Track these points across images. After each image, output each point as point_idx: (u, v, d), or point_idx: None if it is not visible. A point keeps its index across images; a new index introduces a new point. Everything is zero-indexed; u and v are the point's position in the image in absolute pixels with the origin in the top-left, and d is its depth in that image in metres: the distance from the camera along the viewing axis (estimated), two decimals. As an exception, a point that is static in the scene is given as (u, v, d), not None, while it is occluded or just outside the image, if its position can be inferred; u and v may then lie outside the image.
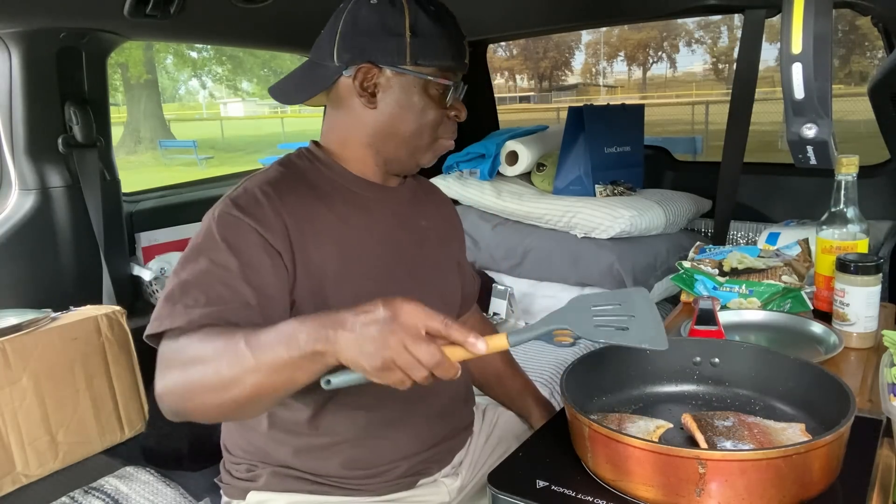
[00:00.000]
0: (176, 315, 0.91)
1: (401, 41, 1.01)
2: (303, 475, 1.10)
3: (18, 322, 1.34)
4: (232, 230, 0.97)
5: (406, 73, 1.03)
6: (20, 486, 1.30)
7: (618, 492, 0.79)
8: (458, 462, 1.22)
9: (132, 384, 1.49)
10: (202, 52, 18.20)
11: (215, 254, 0.95)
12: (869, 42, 18.43)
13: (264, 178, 1.04)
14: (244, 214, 0.97)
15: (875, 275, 1.25)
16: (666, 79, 34.01)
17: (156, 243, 2.06)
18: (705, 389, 1.02)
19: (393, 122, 1.06)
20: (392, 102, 1.05)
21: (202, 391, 0.86)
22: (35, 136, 1.73)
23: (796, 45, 0.97)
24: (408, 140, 1.07)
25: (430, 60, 1.03)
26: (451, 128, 1.11)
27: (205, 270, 0.94)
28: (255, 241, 0.96)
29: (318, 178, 1.08)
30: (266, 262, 0.96)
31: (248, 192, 1.01)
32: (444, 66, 1.05)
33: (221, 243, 0.95)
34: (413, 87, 1.04)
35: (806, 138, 1.04)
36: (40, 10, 1.54)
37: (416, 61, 1.02)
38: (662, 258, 2.14)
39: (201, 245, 0.97)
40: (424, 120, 1.06)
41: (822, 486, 0.77)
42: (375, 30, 1.02)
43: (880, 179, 2.15)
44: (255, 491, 1.12)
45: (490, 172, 2.43)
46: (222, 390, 0.84)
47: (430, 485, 1.17)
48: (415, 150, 1.09)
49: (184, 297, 0.92)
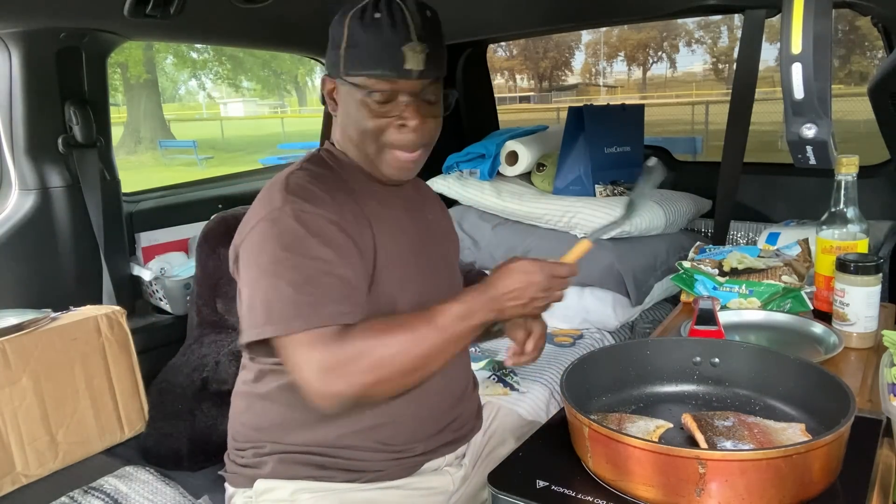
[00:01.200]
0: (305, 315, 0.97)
1: (338, 53, 1.07)
2: (311, 459, 1.11)
3: (18, 322, 1.34)
4: (315, 225, 1.02)
5: (344, 84, 1.08)
6: (20, 486, 1.30)
7: (618, 492, 0.80)
8: (461, 453, 1.24)
9: (132, 384, 1.49)
10: (202, 52, 18.20)
11: (310, 250, 1.00)
12: (869, 42, 18.43)
13: (305, 175, 1.09)
14: (320, 208, 1.03)
15: (875, 275, 1.25)
16: (666, 79, 34.01)
17: (156, 243, 2.06)
18: (705, 389, 1.02)
19: (346, 128, 1.13)
20: (342, 110, 1.12)
21: (398, 377, 0.99)
22: (35, 136, 1.73)
23: (796, 45, 0.97)
24: (359, 146, 1.12)
25: (358, 70, 1.06)
26: (401, 138, 1.09)
27: (309, 266, 0.99)
28: (336, 232, 1.03)
29: (345, 175, 1.13)
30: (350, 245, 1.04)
31: (306, 188, 1.06)
32: (374, 75, 1.05)
33: (313, 239, 1.01)
34: (349, 96, 1.09)
35: (806, 138, 1.03)
36: (40, 10, 1.54)
37: (348, 72, 1.07)
38: (662, 258, 2.14)
39: (291, 244, 1.00)
40: (363, 126, 1.09)
41: (822, 486, 0.77)
42: (330, 43, 1.09)
43: (880, 179, 2.15)
44: (262, 479, 1.13)
45: (490, 172, 2.43)
46: (418, 371, 1.01)
47: (435, 473, 1.19)
48: (368, 158, 1.12)
49: (300, 295, 0.97)
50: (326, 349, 0.96)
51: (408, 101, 1.08)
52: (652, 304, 2.17)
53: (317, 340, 0.96)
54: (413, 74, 1.07)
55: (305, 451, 1.11)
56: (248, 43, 2.56)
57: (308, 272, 0.98)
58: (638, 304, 2.07)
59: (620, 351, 1.06)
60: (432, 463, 1.19)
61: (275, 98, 29.85)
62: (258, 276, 1.01)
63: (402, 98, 1.07)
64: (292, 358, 0.98)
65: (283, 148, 13.27)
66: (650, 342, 1.06)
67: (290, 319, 0.96)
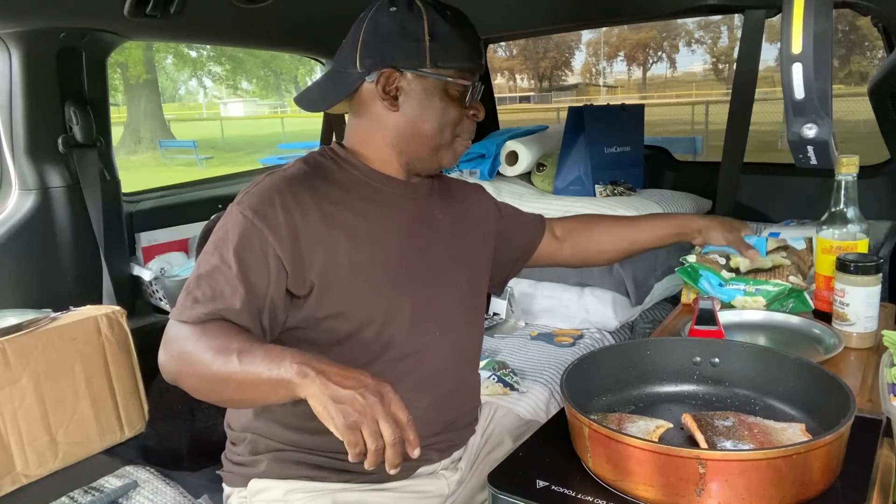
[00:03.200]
0: (186, 308, 1.00)
1: (420, 45, 1.06)
2: (305, 458, 1.11)
3: (18, 322, 1.34)
4: (242, 231, 1.02)
5: (426, 76, 1.08)
6: (20, 486, 1.30)
7: (618, 492, 0.79)
8: (457, 457, 1.23)
9: (132, 384, 1.49)
10: (202, 52, 18.20)
11: (225, 251, 1.02)
12: (869, 42, 18.44)
13: (284, 176, 1.09)
14: (256, 217, 1.03)
15: (875, 275, 1.25)
16: (666, 79, 34.01)
17: (156, 243, 2.06)
18: (705, 389, 1.02)
19: (415, 122, 1.11)
20: (414, 104, 1.10)
21: (194, 377, 0.98)
22: (35, 136, 1.73)
23: (796, 45, 0.97)
24: (429, 139, 1.12)
25: (449, 62, 1.08)
26: (470, 127, 1.15)
27: (215, 266, 1.01)
28: (259, 246, 1.02)
29: (338, 174, 1.13)
30: (263, 268, 1.02)
31: (265, 192, 1.06)
32: (462, 68, 1.10)
33: (230, 242, 1.02)
34: (434, 88, 1.09)
35: (806, 138, 1.03)
36: (40, 10, 1.54)
37: (436, 64, 1.08)
38: (662, 258, 2.14)
39: (219, 240, 1.04)
40: (445, 119, 1.11)
41: (822, 486, 0.77)
42: (396, 36, 1.07)
43: (880, 179, 2.15)
44: (256, 479, 1.13)
45: (490, 172, 2.43)
46: (210, 383, 0.96)
47: (430, 476, 1.18)
48: (436, 149, 1.13)
49: (196, 289, 1.01)
50: (172, 326, 1.01)
51: (476, 93, 1.14)
52: (652, 304, 2.17)
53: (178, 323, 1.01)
54: (483, 69, 1.15)
55: (300, 451, 1.12)
56: (248, 43, 2.56)
57: (211, 268, 1.02)
58: (638, 304, 2.07)
59: (620, 351, 1.06)
60: (428, 467, 1.18)
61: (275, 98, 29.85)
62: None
63: (473, 91, 1.12)
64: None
65: (283, 148, 13.26)
66: (650, 342, 1.06)
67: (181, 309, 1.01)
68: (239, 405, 1.11)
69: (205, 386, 0.98)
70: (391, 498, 1.14)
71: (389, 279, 1.09)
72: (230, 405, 1.13)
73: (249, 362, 0.89)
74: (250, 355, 0.89)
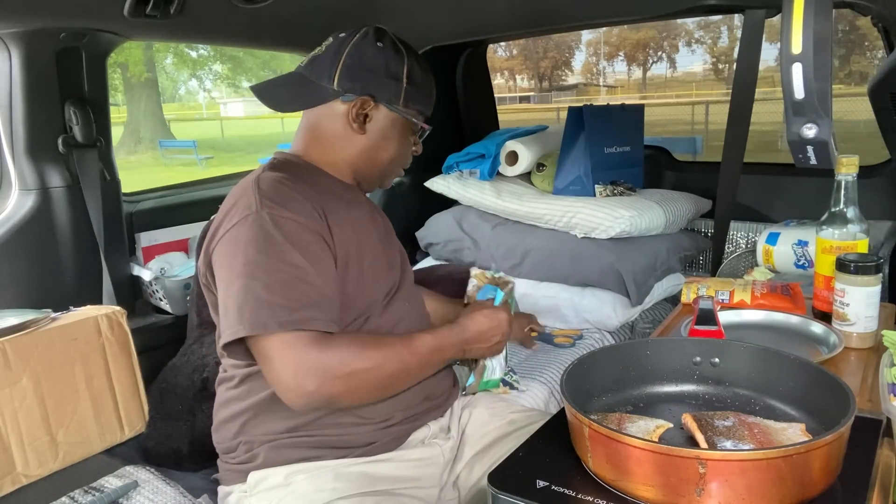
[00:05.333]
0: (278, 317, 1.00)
1: (399, 85, 1.20)
2: (301, 441, 1.14)
3: (18, 322, 1.34)
4: (290, 230, 1.06)
5: (397, 112, 1.22)
6: (20, 486, 1.30)
7: (618, 492, 0.80)
8: (445, 425, 1.30)
9: (132, 384, 1.49)
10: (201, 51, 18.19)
11: (285, 255, 1.04)
12: (869, 42, 18.43)
13: (277, 177, 1.13)
14: (295, 213, 1.08)
15: (875, 275, 1.25)
16: (666, 79, 33.99)
17: (156, 243, 2.06)
18: (705, 389, 1.02)
19: (375, 149, 1.24)
20: (378, 133, 1.23)
21: (368, 391, 1.09)
22: (35, 136, 1.73)
23: (796, 45, 0.97)
24: (382, 166, 1.27)
25: (417, 105, 1.25)
26: (409, 161, 1.32)
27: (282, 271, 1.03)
28: (310, 238, 1.08)
29: (310, 177, 1.20)
30: (323, 253, 1.09)
31: (281, 193, 1.10)
32: (424, 112, 1.27)
33: (287, 244, 1.05)
34: (398, 124, 1.24)
35: (806, 138, 1.04)
36: (40, 10, 1.54)
37: (407, 104, 1.23)
38: (662, 258, 2.14)
39: (266, 248, 1.04)
40: (399, 152, 1.27)
41: (822, 486, 0.77)
42: (380, 70, 1.19)
43: (880, 179, 2.15)
44: (254, 471, 1.15)
45: (490, 172, 2.42)
46: (387, 388, 1.12)
47: (423, 445, 1.24)
48: (384, 174, 1.29)
49: (274, 296, 1.01)
50: (305, 352, 1.00)
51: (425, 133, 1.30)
52: (652, 304, 2.17)
53: (296, 342, 1.00)
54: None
55: (293, 435, 1.14)
56: (248, 43, 2.55)
57: (281, 276, 1.02)
58: (638, 304, 2.07)
59: (620, 351, 1.06)
60: (418, 434, 1.24)
61: (275, 98, 29.69)
62: (232, 279, 1.04)
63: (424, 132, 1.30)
64: (269, 357, 1.02)
65: (283, 148, 13.18)
66: (650, 342, 1.06)
67: (265, 320, 0.99)
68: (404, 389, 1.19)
69: (377, 392, 1.11)
70: (390, 468, 1.18)
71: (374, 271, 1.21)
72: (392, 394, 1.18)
73: (423, 355, 1.13)
74: (420, 347, 1.12)
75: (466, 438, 1.29)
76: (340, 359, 1.03)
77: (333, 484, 1.10)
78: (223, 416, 1.21)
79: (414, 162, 1.35)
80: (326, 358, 1.01)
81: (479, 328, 1.20)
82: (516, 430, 1.29)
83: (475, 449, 1.27)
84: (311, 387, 1.00)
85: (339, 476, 1.12)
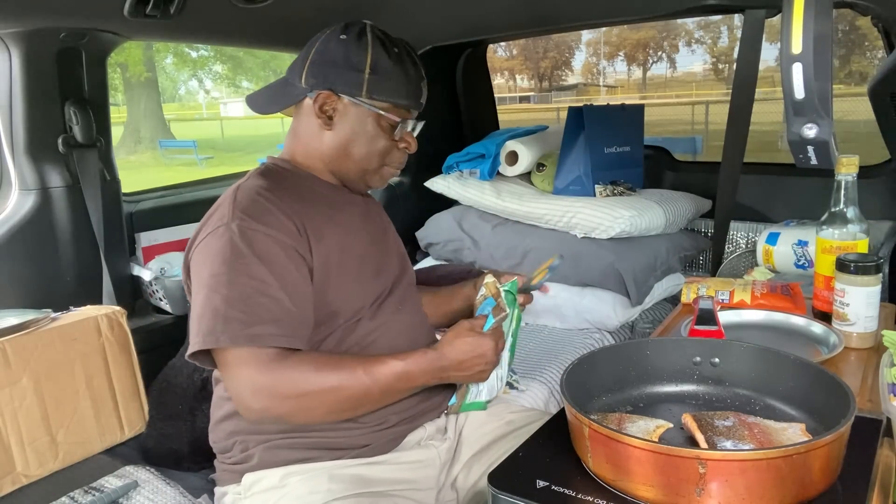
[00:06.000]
0: (231, 331, 1.00)
1: (360, 76, 1.15)
2: (295, 442, 1.13)
3: (18, 322, 1.34)
4: (258, 243, 1.05)
5: (361, 105, 1.17)
6: (20, 486, 1.30)
7: (618, 492, 0.80)
8: (442, 426, 1.28)
9: (132, 384, 1.49)
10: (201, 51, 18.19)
11: (249, 268, 1.03)
12: (869, 42, 18.43)
13: (255, 186, 1.13)
14: (265, 226, 1.06)
15: (875, 275, 1.25)
16: (666, 79, 33.97)
17: (156, 243, 2.06)
18: (705, 389, 1.02)
19: (346, 145, 1.19)
20: (346, 128, 1.18)
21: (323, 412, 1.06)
22: (35, 136, 1.73)
23: (796, 45, 0.97)
24: (357, 163, 1.21)
25: (384, 96, 1.17)
26: (400, 158, 1.24)
27: (244, 284, 1.02)
28: (280, 250, 1.06)
29: (297, 184, 1.19)
30: (292, 267, 1.07)
31: (255, 204, 1.09)
32: (398, 104, 1.19)
33: (253, 257, 1.03)
34: (366, 117, 1.18)
35: (806, 138, 1.03)
36: (40, 10, 1.54)
37: (372, 95, 1.16)
38: (662, 258, 2.14)
39: (231, 260, 1.04)
40: (373, 148, 1.20)
41: (822, 487, 0.77)
42: (340, 62, 1.15)
43: (880, 179, 2.15)
44: (249, 472, 1.15)
45: (490, 172, 2.42)
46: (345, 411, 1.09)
47: (419, 447, 1.23)
48: (363, 173, 1.23)
49: (232, 310, 1.00)
50: (257, 369, 1.00)
51: (412, 128, 1.23)
52: (652, 304, 2.17)
53: (249, 359, 1.01)
54: (422, 107, 1.24)
55: (288, 436, 1.14)
56: (248, 43, 2.55)
57: (242, 290, 1.02)
58: (638, 304, 2.07)
59: (620, 351, 1.06)
60: (414, 435, 1.23)
61: (275, 98, 29.70)
62: (198, 290, 1.05)
63: (408, 126, 1.22)
64: (227, 371, 1.03)
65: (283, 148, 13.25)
66: (650, 342, 1.06)
67: (218, 334, 1.00)
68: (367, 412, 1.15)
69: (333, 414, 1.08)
70: (386, 470, 1.17)
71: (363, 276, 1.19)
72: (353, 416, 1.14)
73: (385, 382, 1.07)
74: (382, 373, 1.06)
75: (464, 439, 1.28)
76: (290, 379, 1.01)
77: (328, 486, 1.10)
78: (219, 415, 1.21)
79: (414, 162, 1.34)
80: (276, 377, 1.01)
81: (459, 357, 1.11)
82: (515, 430, 1.27)
83: (473, 450, 1.26)
84: (259, 405, 1.01)
85: (333, 478, 1.11)
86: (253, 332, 1.00)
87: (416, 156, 1.31)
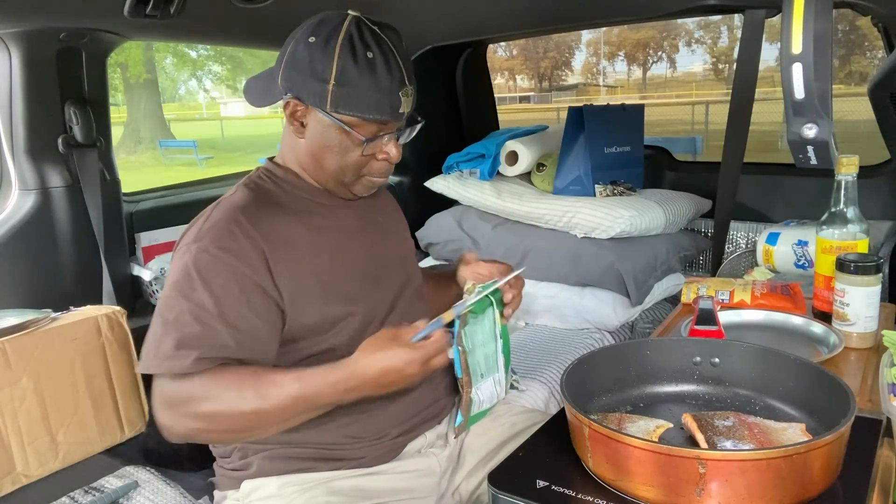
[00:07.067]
0: (162, 358, 0.99)
1: (324, 87, 1.04)
2: (294, 452, 1.12)
3: (18, 322, 1.34)
4: (209, 269, 1.02)
5: (327, 117, 1.06)
6: (20, 486, 1.30)
7: (618, 492, 0.80)
8: (442, 432, 1.25)
9: (132, 384, 1.49)
10: (201, 51, 18.18)
11: (198, 292, 1.00)
12: (869, 42, 18.43)
13: (233, 205, 1.08)
14: (221, 251, 1.02)
15: (875, 275, 1.25)
16: (666, 79, 33.97)
17: (156, 243, 2.06)
18: (705, 389, 1.02)
19: (317, 155, 1.11)
20: (317, 137, 1.10)
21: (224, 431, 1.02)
22: (35, 136, 1.73)
23: (796, 45, 0.97)
24: (332, 174, 1.13)
25: (351, 111, 1.05)
26: (381, 168, 1.13)
27: (182, 307, 1.00)
28: (230, 276, 1.02)
29: (283, 195, 1.14)
30: (242, 298, 1.02)
31: (220, 226, 1.05)
32: (368, 119, 1.06)
33: (199, 282, 1.01)
34: (330, 129, 1.08)
35: (806, 138, 1.04)
36: (40, 10, 1.54)
37: (337, 109, 1.05)
38: (662, 258, 2.14)
39: (182, 282, 1.02)
40: (345, 161, 1.10)
41: (823, 487, 0.77)
42: (305, 70, 1.04)
43: (880, 179, 2.15)
44: (248, 480, 1.14)
45: (490, 172, 2.42)
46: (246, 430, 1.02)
47: (419, 456, 1.20)
48: (339, 184, 1.14)
49: (166, 336, 0.99)
50: (168, 385, 1.00)
51: (391, 137, 1.10)
52: (652, 304, 2.17)
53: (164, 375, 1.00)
54: (404, 116, 1.10)
55: (286, 446, 1.13)
56: (248, 43, 2.55)
57: (179, 314, 1.00)
58: (638, 304, 2.07)
59: (620, 351, 1.06)
60: (414, 444, 1.20)
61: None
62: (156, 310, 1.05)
63: (387, 135, 1.09)
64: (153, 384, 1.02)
65: (282, 147, 13.25)
66: (650, 342, 1.06)
67: (147, 361, 1.01)
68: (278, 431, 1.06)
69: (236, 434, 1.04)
70: (384, 480, 1.15)
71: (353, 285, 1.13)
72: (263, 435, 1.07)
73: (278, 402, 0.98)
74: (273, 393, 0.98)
75: (467, 447, 1.25)
76: (193, 396, 0.98)
77: (326, 497, 1.09)
78: None
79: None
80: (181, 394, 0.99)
81: (371, 372, 0.97)
82: (518, 433, 1.24)
83: (478, 457, 1.23)
84: (170, 422, 1.00)
85: (332, 488, 1.11)
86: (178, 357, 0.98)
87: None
